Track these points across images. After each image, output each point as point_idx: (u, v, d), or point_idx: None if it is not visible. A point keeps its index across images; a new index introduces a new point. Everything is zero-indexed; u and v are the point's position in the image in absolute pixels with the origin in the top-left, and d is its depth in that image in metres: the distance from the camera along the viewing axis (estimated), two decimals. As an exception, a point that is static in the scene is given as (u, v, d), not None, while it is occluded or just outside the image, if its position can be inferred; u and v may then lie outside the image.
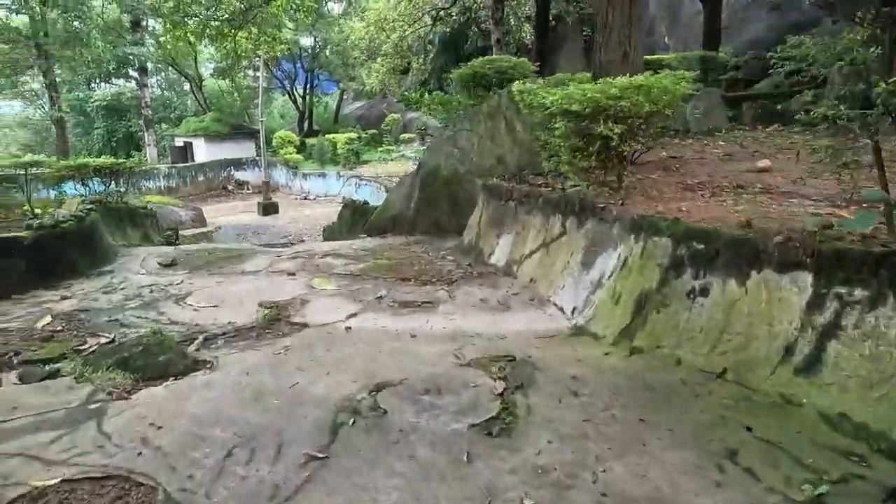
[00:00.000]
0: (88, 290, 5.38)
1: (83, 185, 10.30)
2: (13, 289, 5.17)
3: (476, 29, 24.63)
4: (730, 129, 9.44)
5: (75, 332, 4.31)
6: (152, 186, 25.56)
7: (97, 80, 35.17)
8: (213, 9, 13.79)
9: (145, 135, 27.95)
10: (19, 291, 5.20)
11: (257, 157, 27.93)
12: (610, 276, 4.01)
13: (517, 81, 6.19)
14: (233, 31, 14.32)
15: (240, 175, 29.10)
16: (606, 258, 4.17)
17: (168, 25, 13.36)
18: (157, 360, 3.46)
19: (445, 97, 10.18)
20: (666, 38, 21.61)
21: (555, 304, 4.52)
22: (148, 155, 27.48)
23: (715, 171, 5.65)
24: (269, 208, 22.10)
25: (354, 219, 8.98)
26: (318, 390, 3.21)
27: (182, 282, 5.60)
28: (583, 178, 5.04)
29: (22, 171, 10.36)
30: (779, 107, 11.44)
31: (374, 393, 3.16)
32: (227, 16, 13.83)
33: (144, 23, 27.30)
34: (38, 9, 21.84)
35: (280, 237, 18.71)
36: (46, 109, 33.05)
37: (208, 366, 3.61)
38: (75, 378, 3.41)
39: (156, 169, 25.96)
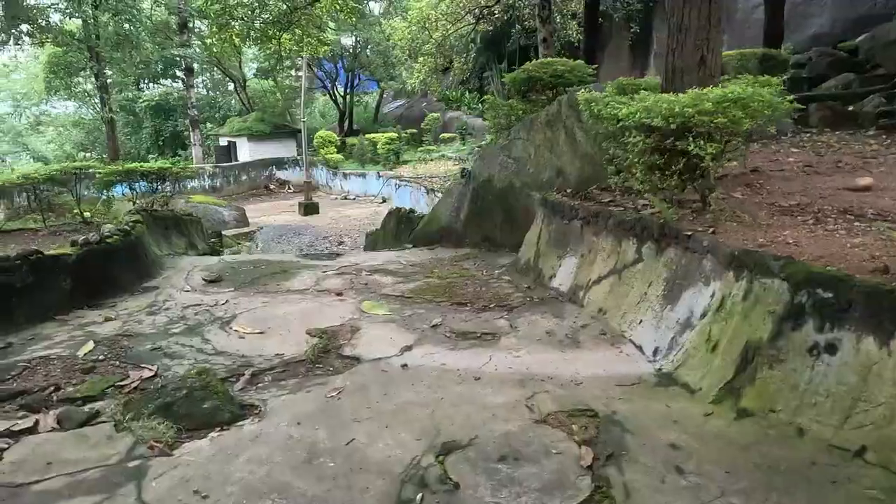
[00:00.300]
0: (132, 310, 5.14)
1: (130, 188, 10.25)
2: (57, 308, 4.96)
3: (519, 27, 24.04)
4: (796, 133, 8.73)
5: (117, 363, 4.04)
6: (197, 186, 25.83)
7: (146, 81, 35.89)
8: (258, 11, 13.61)
9: (191, 134, 28.30)
10: (63, 311, 5.00)
11: (298, 157, 27.98)
12: (702, 317, 3.51)
13: (582, 89, 5.70)
14: (277, 33, 14.13)
15: (281, 174, 29.22)
16: (696, 295, 3.66)
17: (214, 28, 13.23)
18: (202, 408, 3.13)
19: (496, 101, 9.70)
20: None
21: (632, 342, 4.03)
22: (193, 154, 27.82)
23: (806, 188, 5.05)
24: (309, 209, 22.03)
25: (399, 228, 8.63)
26: (377, 451, 2.82)
27: (227, 302, 5.31)
28: (660, 198, 4.52)
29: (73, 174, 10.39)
30: (850, 108, 10.58)
31: (441, 458, 2.75)
32: (271, 18, 13.64)
33: (191, 24, 27.59)
34: (90, 12, 22.24)
35: (321, 238, 18.58)
36: (98, 110, 33.93)
37: (256, 411, 3.27)
38: (115, 425, 3.11)
39: (201, 168, 26.24)
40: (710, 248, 3.65)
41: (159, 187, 10.30)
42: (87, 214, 10.39)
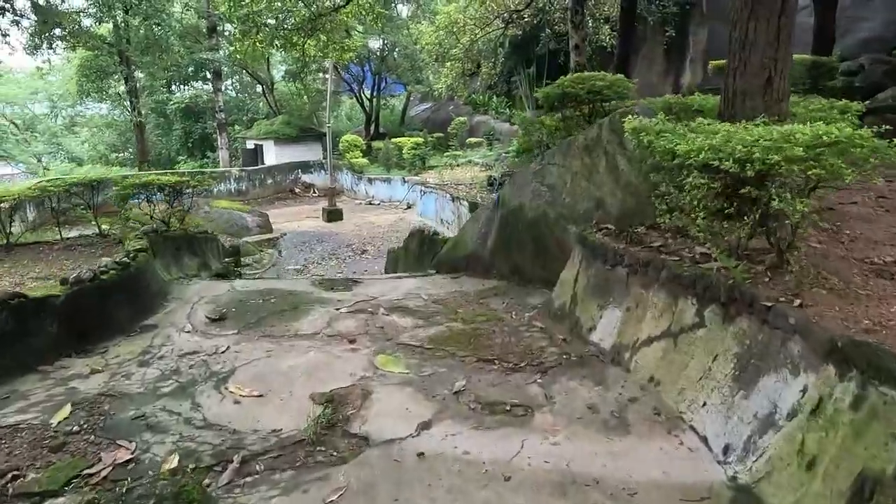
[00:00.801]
0: (124, 359, 4.60)
1: (148, 200, 9.83)
2: (41, 357, 4.45)
3: (549, 31, 23.19)
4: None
5: (92, 437, 3.47)
6: (223, 189, 25.65)
7: (177, 83, 35.99)
8: (283, 17, 13.11)
9: (218, 138, 28.13)
10: (47, 360, 4.48)
11: (324, 161, 27.61)
12: (790, 417, 2.78)
13: (629, 115, 4.98)
14: (301, 39, 13.62)
15: (307, 178, 28.89)
16: (779, 385, 2.94)
17: (238, 34, 12.78)
18: (171, 526, 2.55)
19: (526, 117, 8.99)
20: (760, 39, 19.46)
21: (693, 430, 3.32)
22: (220, 157, 27.65)
23: (894, 233, 4.25)
24: (333, 215, 21.58)
25: (422, 250, 8.01)
26: None
27: (227, 349, 4.74)
28: (725, 249, 3.79)
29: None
30: (912, 122, 9.62)
31: None
32: (295, 24, 13.13)
33: (220, 28, 27.40)
34: (121, 16, 22.15)
35: (343, 246, 18.10)
36: (129, 112, 34.10)
37: (239, 525, 2.67)
38: (66, 545, 2.54)
39: (227, 172, 26.03)
40: (799, 327, 2.91)
41: (175, 201, 9.89)
42: (104, 227, 10.05)
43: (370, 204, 25.26)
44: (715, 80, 18.13)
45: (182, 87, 36.31)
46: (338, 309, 5.73)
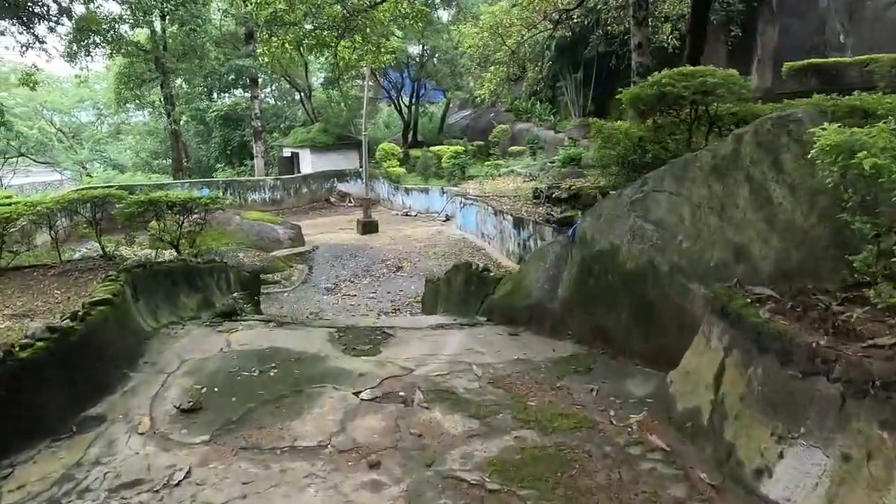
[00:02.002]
0: (31, 490, 2.96)
1: (157, 218, 8.38)
2: None
3: (599, 32, 21.16)
4: None
5: None
6: (257, 198, 24.48)
7: (218, 91, 35.30)
8: (313, 16, 11.54)
9: (254, 145, 27.03)
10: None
11: (360, 169, 26.23)
12: None
13: (785, 123, 3.13)
14: (334, 40, 12.03)
15: (342, 187, 27.52)
16: None
17: (264, 35, 11.30)
18: None
19: (604, 125, 7.12)
20: (842, 37, 17.07)
21: None
22: (255, 166, 26.55)
23: None
24: (368, 227, 20.03)
25: (469, 289, 6.26)
26: None
27: (186, 477, 3.05)
28: None
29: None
30: None
31: None
32: (327, 23, 11.54)
33: (258, 34, 26.29)
34: (157, 23, 21.19)
35: (378, 262, 16.49)
36: (166, 120, 33.48)
37: None
38: None
39: (261, 181, 24.86)
40: None
41: (185, 220, 8.39)
42: (106, 248, 8.63)
43: (407, 215, 23.66)
44: (791, 83, 15.87)
45: (223, 94, 35.62)
46: (358, 393, 3.98)
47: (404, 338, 5.21)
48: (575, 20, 19.86)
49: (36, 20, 18.57)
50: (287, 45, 11.22)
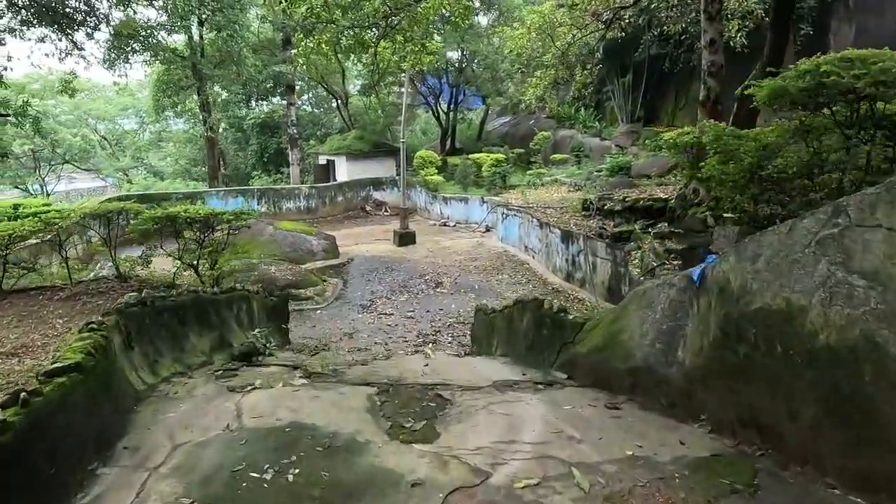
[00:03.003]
0: None
1: (177, 237, 7.29)
2: None
3: (653, 33, 19.56)
4: None
5: None
6: (292, 207, 23.63)
7: (256, 98, 34.86)
8: (352, 12, 10.39)
9: (290, 153, 26.25)
10: None
11: (397, 177, 25.20)
12: None
13: None
14: (373, 39, 10.88)
15: (378, 195, 26.48)
16: None
17: (299, 35, 10.21)
18: None
19: (722, 128, 5.66)
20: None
21: None
22: (290, 173, 25.74)
23: None
24: (405, 238, 18.87)
25: (539, 333, 4.92)
26: None
27: None
28: None
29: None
30: None
31: None
32: (367, 19, 10.37)
33: (293, 37, 25.56)
34: (195, 29, 20.58)
35: (415, 276, 15.27)
36: (202, 126, 33.11)
37: None
38: None
39: (297, 189, 24.01)
40: None
41: (206, 238, 7.29)
42: (119, 270, 7.61)
43: (445, 225, 22.44)
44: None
45: (260, 102, 35.19)
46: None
47: (465, 406, 3.91)
48: (627, 20, 18.32)
49: (75, 26, 18.07)
50: (323, 45, 10.09)
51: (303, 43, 10.53)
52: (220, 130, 33.91)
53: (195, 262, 6.81)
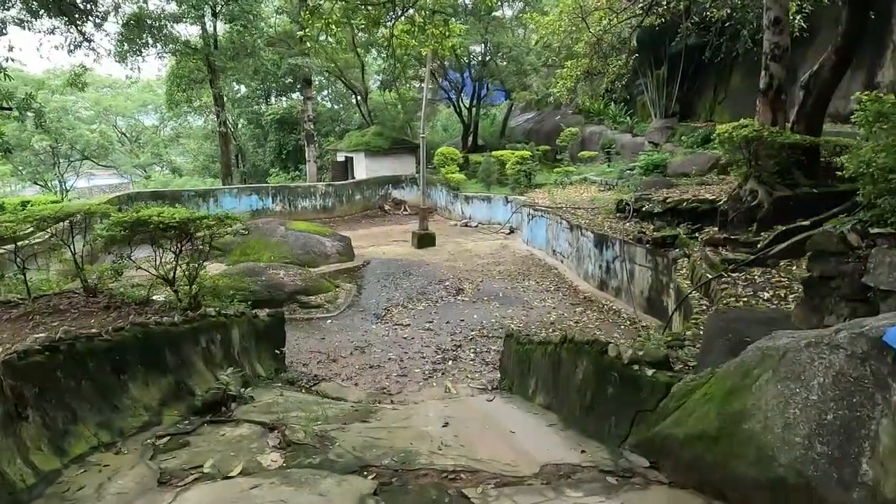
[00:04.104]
0: None
1: (154, 245, 6.08)
2: None
3: (695, 20, 17.88)
4: None
5: None
6: (308, 206, 22.53)
7: (276, 94, 33.89)
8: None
9: (306, 150, 25.13)
10: None
11: (417, 175, 23.94)
12: None
13: None
14: (387, 16, 9.57)
15: (397, 194, 25.26)
16: None
17: (306, 14, 8.97)
18: None
19: None
20: None
21: None
22: (307, 171, 24.63)
23: None
24: (424, 240, 17.60)
25: (604, 390, 3.48)
26: None
27: None
28: None
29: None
30: None
31: None
32: (381, -2, 9.09)
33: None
34: (209, 20, 19.54)
35: (435, 282, 13.98)
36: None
37: None
38: None
39: (313, 187, 22.88)
40: None
41: (181, 248, 6.06)
42: (90, 279, 6.45)
43: (467, 226, 21.11)
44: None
45: (280, 98, 34.21)
46: None
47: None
48: (665, 5, 16.70)
49: (84, 17, 17.14)
50: (332, 25, 8.81)
51: (309, 25, 9.27)
52: (239, 126, 33.03)
53: (171, 277, 5.60)
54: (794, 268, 7.62)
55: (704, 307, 7.60)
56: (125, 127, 35.63)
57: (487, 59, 25.51)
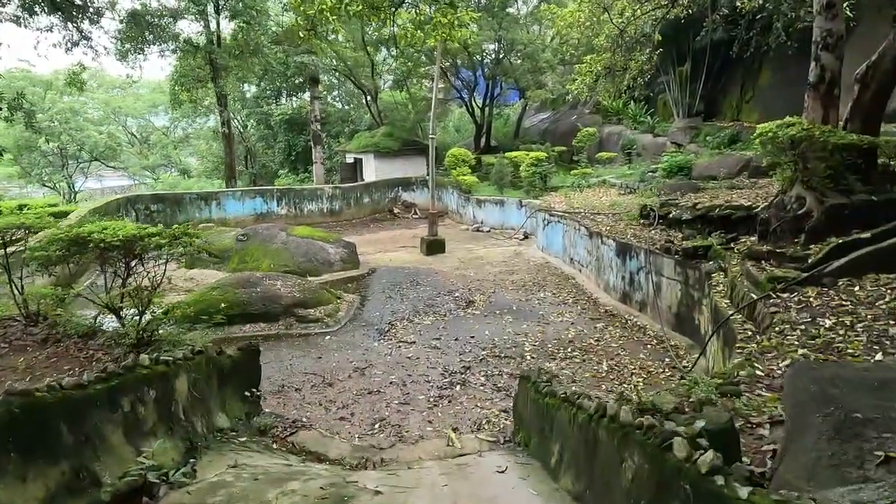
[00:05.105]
0: None
1: (102, 266, 5.08)
2: None
3: (724, 11, 16.62)
4: None
5: None
6: (314, 209, 21.60)
7: (286, 94, 33.05)
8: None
9: (313, 151, 24.20)
10: None
11: (427, 177, 22.92)
12: None
13: None
14: (392, 6, 8.52)
15: (408, 196, 24.24)
16: None
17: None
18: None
19: None
20: None
21: None
22: (314, 173, 23.70)
23: None
24: (433, 247, 16.56)
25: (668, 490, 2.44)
26: None
27: None
28: None
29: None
30: None
31: None
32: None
33: (320, 29, 23.43)
34: (212, 15, 18.67)
35: (443, 293, 12.91)
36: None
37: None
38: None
39: (319, 190, 21.93)
40: None
41: (129, 271, 5.03)
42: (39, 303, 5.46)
43: (478, 231, 20.02)
44: None
45: (291, 98, 33.36)
46: None
47: None
48: (688, -1, 15.46)
49: (80, 14, 16.34)
50: (327, 11, 7.77)
51: (301, 9, 8.24)
52: (248, 127, 32.26)
53: (115, 306, 4.60)
54: (857, 288, 6.46)
55: (749, 333, 6.45)
56: (135, 128, 35.09)
57: (501, 56, 24.37)
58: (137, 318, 4.53)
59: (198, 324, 6.09)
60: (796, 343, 5.49)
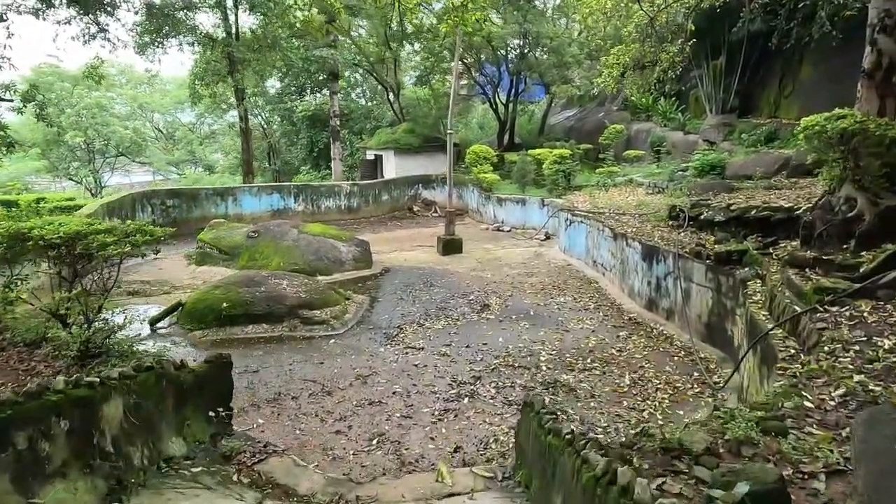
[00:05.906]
0: None
1: (54, 263, 4.54)
2: None
3: (759, 4, 15.48)
4: None
5: None
6: (332, 206, 21.17)
7: (310, 90, 32.77)
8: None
9: (332, 147, 23.76)
10: None
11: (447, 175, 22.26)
12: None
13: None
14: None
15: (427, 194, 23.63)
16: None
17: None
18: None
19: None
20: None
21: None
22: (333, 169, 23.27)
23: None
24: (450, 246, 15.89)
25: None
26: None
27: None
28: None
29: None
30: None
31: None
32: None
33: (339, 22, 22.97)
34: (230, 11, 18.36)
35: (458, 295, 12.23)
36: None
37: None
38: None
39: (337, 186, 21.48)
40: None
41: (75, 273, 4.48)
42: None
43: (499, 230, 19.28)
44: None
45: (315, 94, 33.08)
46: None
47: None
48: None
49: (97, 6, 16.15)
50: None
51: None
52: (272, 124, 32.10)
53: (60, 311, 4.06)
54: (919, 303, 5.59)
55: (792, 351, 5.63)
56: (162, 124, 35.35)
57: (526, 51, 23.52)
58: (84, 326, 3.98)
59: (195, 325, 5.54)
60: (851, 367, 4.70)
